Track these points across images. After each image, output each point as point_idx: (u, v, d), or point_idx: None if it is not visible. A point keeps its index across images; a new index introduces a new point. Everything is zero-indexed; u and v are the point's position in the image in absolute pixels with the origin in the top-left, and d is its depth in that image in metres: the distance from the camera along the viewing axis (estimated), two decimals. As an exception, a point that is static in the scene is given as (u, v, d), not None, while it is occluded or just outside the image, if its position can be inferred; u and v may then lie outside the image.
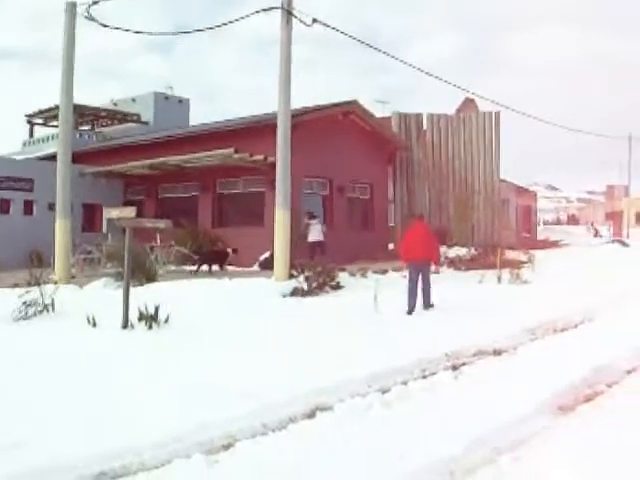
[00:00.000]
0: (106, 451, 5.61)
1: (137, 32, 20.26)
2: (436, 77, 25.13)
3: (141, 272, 17.18)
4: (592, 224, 73.58)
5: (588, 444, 6.03)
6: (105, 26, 18.49)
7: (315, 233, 24.73)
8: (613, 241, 47.68)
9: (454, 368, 9.27)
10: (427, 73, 24.58)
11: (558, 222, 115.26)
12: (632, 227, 68.26)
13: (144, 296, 12.90)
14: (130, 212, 12.87)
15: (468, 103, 37.30)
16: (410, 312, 14.68)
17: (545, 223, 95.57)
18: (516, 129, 51.20)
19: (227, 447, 6.00)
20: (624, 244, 45.02)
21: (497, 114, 33.10)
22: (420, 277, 15.13)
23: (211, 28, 19.77)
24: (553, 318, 13.39)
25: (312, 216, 25.45)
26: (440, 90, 35.59)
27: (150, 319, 11.89)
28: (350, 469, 5.33)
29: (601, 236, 60.01)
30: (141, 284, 16.50)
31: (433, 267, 15.91)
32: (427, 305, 15.22)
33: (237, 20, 18.85)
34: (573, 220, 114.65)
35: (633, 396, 7.77)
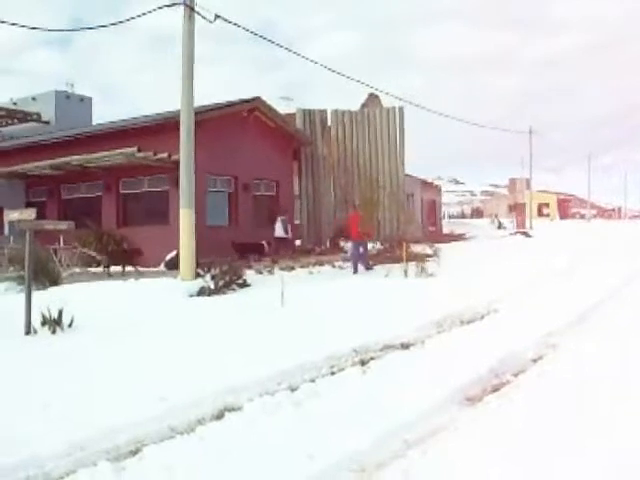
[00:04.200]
0: (6, 465, 5.39)
1: (33, 28, 19.52)
2: (338, 73, 25.21)
3: (44, 275, 16.77)
4: (495, 216, 75.09)
5: (494, 434, 6.10)
6: (2, 22, 17.81)
7: (278, 230, 26.66)
8: (516, 233, 48.78)
9: (362, 363, 9.27)
10: (329, 69, 24.62)
11: (463, 215, 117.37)
12: (534, 218, 70.00)
13: (48, 300, 12.49)
14: (30, 214, 12.47)
15: (373, 99, 37.49)
16: (355, 272, 22.20)
17: (450, 216, 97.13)
18: (421, 124, 51.82)
19: (134, 453, 5.85)
20: (527, 235, 46.17)
21: (401, 109, 33.48)
22: (361, 249, 22.91)
23: (114, 24, 19.22)
24: (459, 310, 13.55)
25: (279, 213, 27.59)
26: (345, 87, 35.83)
27: (53, 324, 11.54)
28: (260, 471, 5.27)
29: (504, 228, 61.31)
30: (45, 288, 16.08)
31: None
32: (367, 267, 22.70)
33: (140, 16, 18.35)
34: (477, 213, 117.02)
35: (538, 384, 7.90)
